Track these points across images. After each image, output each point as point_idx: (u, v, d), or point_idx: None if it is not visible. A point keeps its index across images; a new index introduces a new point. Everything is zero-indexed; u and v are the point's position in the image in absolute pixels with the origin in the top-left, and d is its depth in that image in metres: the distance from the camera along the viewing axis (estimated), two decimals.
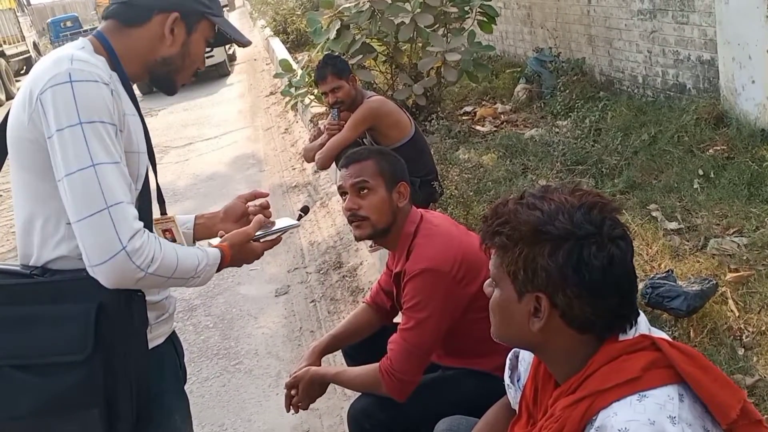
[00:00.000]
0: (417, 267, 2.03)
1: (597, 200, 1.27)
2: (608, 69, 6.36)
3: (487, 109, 6.70)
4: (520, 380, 1.55)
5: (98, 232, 1.38)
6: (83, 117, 1.39)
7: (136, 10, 1.59)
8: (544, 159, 4.95)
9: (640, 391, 1.17)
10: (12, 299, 1.48)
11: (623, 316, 1.26)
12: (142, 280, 1.43)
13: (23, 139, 1.46)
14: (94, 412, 1.45)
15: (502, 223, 1.29)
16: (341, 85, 4.02)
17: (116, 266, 1.38)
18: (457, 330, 2.06)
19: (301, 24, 13.88)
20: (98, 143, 1.40)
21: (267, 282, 4.65)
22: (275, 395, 3.38)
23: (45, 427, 1.48)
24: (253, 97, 11.42)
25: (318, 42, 6.28)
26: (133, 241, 1.39)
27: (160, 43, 1.60)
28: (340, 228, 5.24)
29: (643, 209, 3.91)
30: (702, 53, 5.04)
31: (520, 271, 1.27)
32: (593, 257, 1.21)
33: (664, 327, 2.79)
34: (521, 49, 8.22)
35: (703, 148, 4.43)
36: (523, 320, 1.29)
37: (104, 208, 1.38)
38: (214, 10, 1.66)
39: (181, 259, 1.50)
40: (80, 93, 1.40)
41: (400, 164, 2.23)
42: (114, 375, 1.45)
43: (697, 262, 3.26)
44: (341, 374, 2.21)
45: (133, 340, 1.50)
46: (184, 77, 1.71)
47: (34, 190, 1.49)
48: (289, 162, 7.24)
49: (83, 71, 1.43)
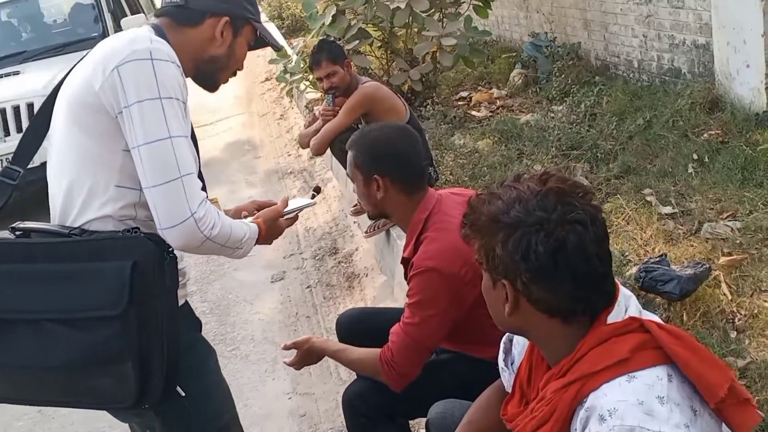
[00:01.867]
0: (424, 264, 2.00)
1: (558, 186, 1.28)
2: (604, 53, 6.35)
3: (483, 95, 6.68)
4: (513, 363, 1.57)
5: (171, 199, 1.51)
6: (162, 92, 1.52)
7: (191, 13, 1.72)
8: (539, 144, 4.95)
9: (629, 372, 1.19)
10: (51, 256, 1.56)
11: (586, 300, 1.27)
12: (204, 244, 1.56)
13: (89, 104, 1.56)
14: (127, 365, 1.51)
15: (467, 214, 1.35)
16: (336, 71, 4.01)
17: (185, 230, 1.52)
18: (460, 322, 2.05)
19: (296, 9, 13.79)
20: (174, 118, 1.53)
21: (263, 268, 4.66)
22: (272, 380, 3.40)
23: (80, 379, 1.55)
24: (249, 83, 11.36)
25: (314, 27, 6.26)
26: (200, 208, 1.53)
27: (210, 44, 1.74)
28: (335, 214, 5.25)
29: (638, 194, 3.92)
30: (697, 38, 5.03)
31: (483, 260, 1.32)
32: (539, 243, 1.22)
33: (658, 310, 2.81)
34: (517, 33, 8.19)
35: (698, 132, 4.43)
36: (500, 305, 1.33)
37: (178, 177, 1.51)
38: (256, 16, 1.81)
39: (234, 229, 1.65)
40: (160, 70, 1.53)
41: (380, 153, 2.13)
42: (147, 330, 1.53)
43: (690, 246, 3.28)
44: (341, 352, 2.21)
45: (165, 297, 1.57)
46: (226, 76, 1.84)
47: (91, 152, 1.58)
48: (285, 148, 7.22)
49: (161, 51, 1.56)
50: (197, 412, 1.71)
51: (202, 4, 1.72)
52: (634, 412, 1.14)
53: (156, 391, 1.56)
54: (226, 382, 1.88)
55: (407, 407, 2.19)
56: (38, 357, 1.54)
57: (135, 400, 1.54)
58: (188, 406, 1.68)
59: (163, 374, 1.55)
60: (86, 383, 1.56)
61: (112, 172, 1.57)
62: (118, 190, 1.57)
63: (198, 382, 1.73)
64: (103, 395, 1.57)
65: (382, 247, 4.15)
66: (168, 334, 1.57)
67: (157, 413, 1.68)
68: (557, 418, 1.24)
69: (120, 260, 1.51)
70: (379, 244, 4.22)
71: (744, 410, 1.21)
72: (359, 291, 4.08)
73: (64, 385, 1.58)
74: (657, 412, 1.14)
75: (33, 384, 1.61)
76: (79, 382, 1.56)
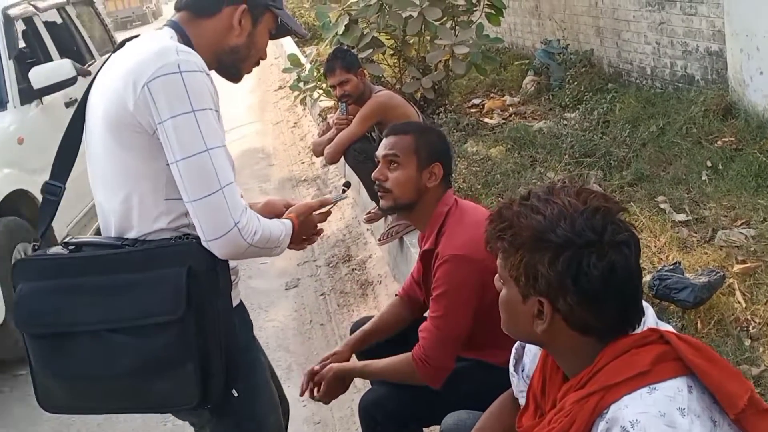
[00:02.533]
0: (449, 252, 2.03)
1: (601, 204, 1.26)
2: (616, 60, 6.35)
3: (496, 102, 6.70)
4: (524, 370, 1.57)
5: (214, 211, 1.51)
6: (195, 105, 1.51)
7: (208, 3, 1.69)
8: (552, 151, 4.95)
9: (650, 383, 1.19)
10: (106, 268, 1.59)
11: (625, 320, 1.27)
12: (247, 250, 1.58)
13: (127, 124, 1.55)
14: (188, 368, 1.55)
15: (504, 228, 1.29)
16: (349, 79, 4.04)
17: (230, 241, 1.53)
18: (478, 320, 2.06)
19: (309, 17, 13.87)
20: (209, 129, 1.52)
21: (277, 275, 4.69)
22: (286, 387, 3.39)
23: (144, 385, 1.58)
24: (262, 91, 11.43)
25: (327, 36, 6.30)
26: (242, 217, 1.54)
27: (229, 33, 1.71)
28: (349, 221, 5.27)
29: (651, 201, 3.92)
30: (710, 44, 5.03)
31: (521, 276, 1.28)
32: (593, 267, 1.21)
33: (672, 318, 2.81)
34: (529, 41, 8.21)
35: (712, 139, 4.42)
36: (528, 321, 1.30)
37: (219, 189, 1.51)
38: (276, 3, 1.78)
39: (272, 231, 1.65)
40: (190, 83, 1.51)
41: (440, 145, 2.21)
42: (205, 333, 1.56)
43: (704, 253, 3.27)
44: (368, 366, 2.21)
45: (220, 300, 1.61)
46: (248, 66, 1.81)
47: (134, 170, 1.59)
48: (298, 156, 7.27)
49: (189, 62, 1.54)
50: (246, 414, 1.75)
51: None
52: (657, 424, 1.14)
53: (217, 391, 1.60)
54: (272, 387, 1.92)
55: (423, 415, 2.19)
56: (102, 366, 1.57)
57: (199, 400, 1.58)
58: (238, 407, 1.72)
59: (223, 375, 1.60)
60: (150, 388, 1.59)
61: (159, 186, 1.58)
62: (168, 204, 1.59)
63: (249, 384, 1.76)
64: (168, 398, 1.61)
65: (396, 255, 4.17)
66: (225, 335, 1.61)
67: (213, 418, 1.73)
68: (577, 429, 1.23)
69: (175, 267, 1.54)
70: (393, 251, 4.24)
71: (763, 420, 1.21)
72: (373, 298, 4.10)
73: (129, 391, 1.61)
74: (679, 424, 1.14)
75: (97, 393, 1.64)
76: (143, 388, 1.59)
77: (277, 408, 1.92)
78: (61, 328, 1.59)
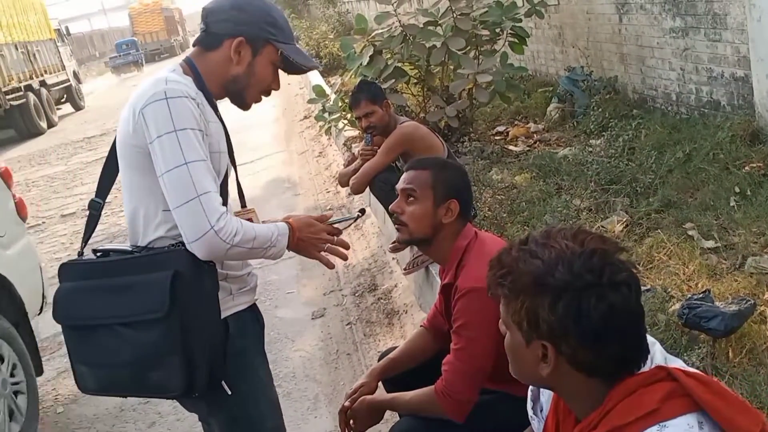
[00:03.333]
0: (468, 285, 2.04)
1: (598, 245, 1.27)
2: (641, 87, 6.34)
3: (520, 129, 6.71)
4: (543, 411, 1.56)
5: (192, 216, 1.70)
6: (177, 126, 1.72)
7: (213, 37, 1.90)
8: (577, 178, 4.94)
9: (659, 421, 1.19)
10: (119, 271, 1.83)
11: (630, 359, 1.27)
12: (230, 251, 1.74)
13: (130, 145, 1.81)
14: (175, 360, 1.74)
15: (504, 275, 1.31)
16: (375, 110, 4.09)
17: (208, 242, 1.70)
18: (502, 352, 2.06)
19: (333, 48, 14.06)
20: (188, 146, 1.72)
21: (303, 305, 4.71)
22: (313, 418, 3.42)
23: (144, 372, 1.79)
24: (288, 121, 11.56)
25: (351, 67, 6.38)
26: (219, 221, 1.70)
27: (229, 64, 1.89)
28: (374, 251, 5.29)
29: (679, 228, 3.88)
30: (735, 70, 5.01)
31: (523, 321, 1.29)
32: (593, 308, 1.21)
33: (702, 347, 2.77)
34: (553, 68, 8.23)
35: (739, 165, 4.38)
36: (533, 364, 1.31)
37: (195, 196, 1.69)
38: (278, 36, 1.92)
39: (258, 231, 1.80)
40: (174, 107, 1.73)
41: (458, 181, 2.23)
42: (189, 330, 1.74)
43: (734, 281, 3.23)
44: (396, 399, 2.23)
45: (204, 301, 1.79)
46: (253, 95, 1.97)
47: (138, 185, 1.84)
48: (324, 185, 7.32)
49: (175, 89, 1.75)
50: (242, 413, 1.92)
51: (221, 27, 1.88)
52: None
53: (200, 383, 1.78)
54: (276, 395, 2.05)
55: None
56: (112, 355, 1.81)
57: (184, 389, 1.77)
58: (234, 406, 1.90)
59: (206, 367, 1.78)
60: (148, 375, 1.78)
61: (158, 199, 1.79)
62: (165, 214, 1.80)
63: (246, 386, 1.92)
64: (162, 386, 1.80)
65: (421, 284, 4.17)
66: (209, 333, 1.80)
67: (210, 411, 1.94)
68: None
69: (164, 270, 1.74)
70: (418, 280, 4.24)
71: None
72: (399, 328, 4.09)
73: (133, 377, 1.81)
74: None
75: (112, 378, 1.86)
76: (143, 375, 1.79)
77: (278, 418, 2.03)
78: (84, 321, 1.84)
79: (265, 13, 1.90)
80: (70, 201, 9.06)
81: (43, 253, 6.91)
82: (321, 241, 1.99)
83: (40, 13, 20.40)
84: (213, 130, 1.84)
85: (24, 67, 17.75)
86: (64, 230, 7.75)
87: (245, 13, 1.88)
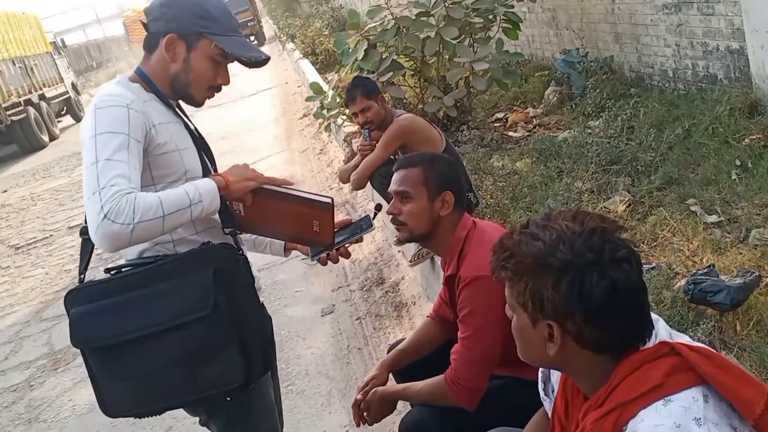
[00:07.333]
0: (471, 274, 2.06)
1: (598, 224, 1.29)
2: (637, 65, 6.33)
3: (519, 115, 6.71)
4: (554, 391, 1.58)
5: (91, 209, 1.64)
6: (98, 130, 1.71)
7: (150, 38, 1.89)
8: (578, 161, 4.94)
9: (664, 396, 1.21)
10: (142, 283, 1.80)
11: (634, 335, 1.29)
12: (135, 231, 1.63)
13: None
14: (231, 351, 1.77)
15: (507, 258, 1.34)
16: (370, 106, 4.10)
17: (103, 230, 1.61)
18: (509, 337, 2.08)
19: (328, 44, 14.05)
20: (103, 146, 1.69)
21: (312, 302, 4.73)
22: (328, 414, 3.45)
23: (198, 369, 1.79)
24: (287, 120, 11.57)
25: (347, 62, 6.38)
26: (109, 207, 1.61)
27: (166, 63, 1.88)
28: (380, 245, 5.31)
29: (682, 204, 3.88)
30: (730, 43, 5.00)
31: (528, 302, 1.31)
32: (595, 285, 1.24)
33: (709, 322, 2.78)
34: (548, 51, 8.21)
35: (739, 138, 4.38)
36: (541, 345, 1.34)
37: (96, 191, 1.64)
38: (212, 29, 1.87)
39: (163, 195, 1.70)
40: (99, 115, 1.74)
41: (449, 172, 2.25)
42: (238, 321, 1.77)
43: (739, 254, 3.24)
44: (408, 389, 2.26)
45: (245, 291, 1.85)
46: (197, 91, 1.94)
47: None
48: (326, 182, 7.34)
49: (105, 100, 1.76)
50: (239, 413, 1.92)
51: (155, 26, 1.87)
52: None
53: (258, 370, 1.83)
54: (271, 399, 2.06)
55: None
56: (160, 361, 1.78)
57: (244, 378, 1.79)
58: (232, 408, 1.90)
59: (261, 354, 1.85)
60: (204, 371, 1.78)
61: None
62: None
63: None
64: (220, 379, 1.80)
65: (428, 275, 4.19)
66: (255, 321, 1.86)
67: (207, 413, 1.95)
68: None
69: (200, 270, 1.76)
70: (425, 271, 4.26)
71: None
72: (408, 320, 4.12)
73: (187, 376, 1.79)
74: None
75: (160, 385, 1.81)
76: (198, 372, 1.79)
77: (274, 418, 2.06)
78: (114, 339, 1.78)
79: (196, 6, 1.86)
80: (76, 213, 9.09)
81: (53, 266, 6.97)
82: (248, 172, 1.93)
83: (35, 27, 20.40)
84: (170, 130, 1.84)
85: (22, 82, 17.77)
86: (72, 242, 7.78)
87: (174, 8, 1.85)
